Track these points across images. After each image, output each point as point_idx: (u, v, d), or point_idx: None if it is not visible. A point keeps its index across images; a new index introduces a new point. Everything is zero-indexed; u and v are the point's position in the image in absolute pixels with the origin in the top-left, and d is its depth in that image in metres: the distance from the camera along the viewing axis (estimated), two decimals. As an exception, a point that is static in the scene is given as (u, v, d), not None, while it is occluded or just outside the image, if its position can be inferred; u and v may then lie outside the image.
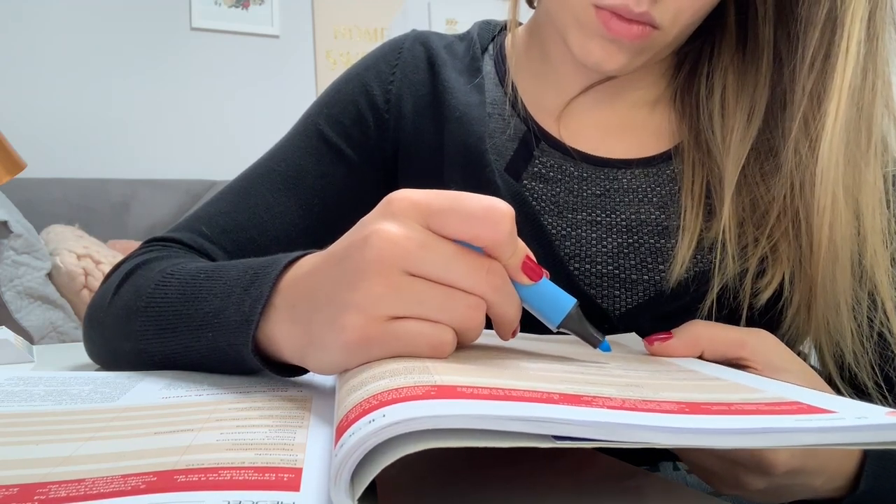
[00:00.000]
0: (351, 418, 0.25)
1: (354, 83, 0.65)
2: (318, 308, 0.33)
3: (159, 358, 0.43)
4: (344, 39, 2.90)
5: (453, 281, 0.31)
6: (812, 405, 0.28)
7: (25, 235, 1.72)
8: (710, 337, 0.41)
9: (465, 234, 0.32)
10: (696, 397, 0.28)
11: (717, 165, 0.55)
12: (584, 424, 0.23)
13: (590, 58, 0.52)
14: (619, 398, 0.27)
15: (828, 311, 0.50)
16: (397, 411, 0.24)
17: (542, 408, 0.24)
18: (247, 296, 0.38)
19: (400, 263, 0.31)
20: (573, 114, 0.60)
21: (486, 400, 0.25)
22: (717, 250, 0.53)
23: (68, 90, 2.45)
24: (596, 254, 0.56)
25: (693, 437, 0.24)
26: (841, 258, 0.49)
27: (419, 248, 0.31)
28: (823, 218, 0.49)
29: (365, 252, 0.31)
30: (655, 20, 0.49)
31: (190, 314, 0.41)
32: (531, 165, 0.58)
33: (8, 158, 0.67)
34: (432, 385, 0.27)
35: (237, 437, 0.30)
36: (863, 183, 0.49)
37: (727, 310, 0.53)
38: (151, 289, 0.44)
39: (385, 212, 0.32)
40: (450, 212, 0.32)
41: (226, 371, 0.42)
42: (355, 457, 0.23)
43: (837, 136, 0.48)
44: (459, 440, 0.23)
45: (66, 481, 0.25)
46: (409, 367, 0.30)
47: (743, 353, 0.40)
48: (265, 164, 0.63)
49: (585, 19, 0.50)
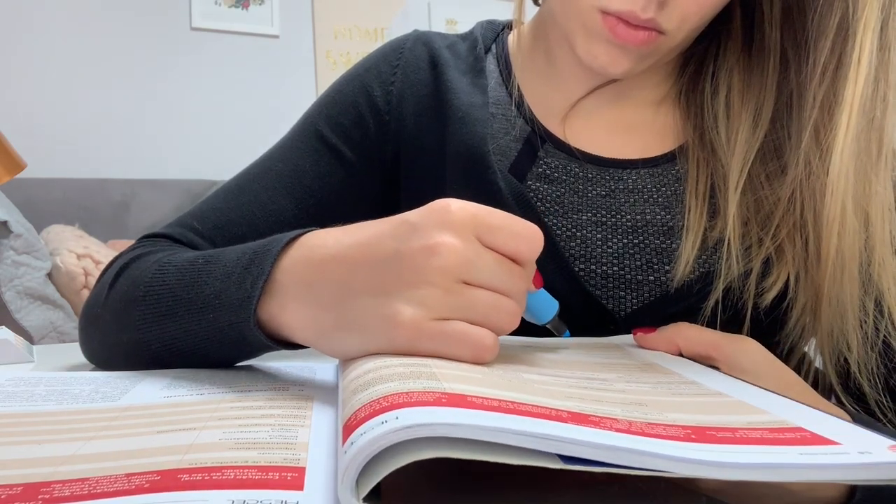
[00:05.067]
0: (360, 417, 0.25)
1: (355, 84, 0.64)
2: (357, 296, 0.35)
3: (157, 346, 0.44)
4: (344, 39, 2.90)
5: (498, 287, 0.35)
6: (816, 433, 0.28)
7: (25, 235, 1.72)
8: (687, 336, 0.43)
9: (511, 249, 0.36)
10: (702, 420, 0.29)
11: (722, 165, 0.55)
12: (593, 446, 0.24)
13: (595, 62, 0.52)
14: (625, 420, 0.27)
15: (833, 320, 0.50)
16: (411, 415, 0.24)
17: (551, 425, 0.25)
18: (247, 274, 0.39)
19: (461, 274, 0.35)
20: (578, 114, 0.60)
21: (496, 412, 0.25)
22: (721, 250, 0.53)
23: (68, 90, 2.45)
24: (601, 254, 0.56)
25: (699, 468, 0.24)
26: (848, 267, 0.49)
27: (476, 259, 0.35)
28: (832, 228, 0.49)
29: (432, 260, 0.34)
30: (661, 26, 0.49)
31: (190, 298, 0.42)
32: (535, 166, 0.58)
33: (8, 158, 0.66)
34: (442, 392, 0.27)
35: (239, 436, 0.30)
36: (872, 194, 0.49)
37: (731, 311, 0.53)
38: (149, 278, 0.45)
39: (445, 221, 0.35)
40: (502, 229, 0.36)
41: (223, 354, 0.43)
42: (365, 456, 0.23)
43: (848, 148, 0.48)
44: (471, 452, 0.24)
45: (70, 480, 0.25)
46: (416, 371, 0.30)
47: (714, 354, 0.41)
48: (262, 164, 0.63)
49: (592, 24, 0.50)
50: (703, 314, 0.53)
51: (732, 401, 0.33)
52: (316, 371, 0.46)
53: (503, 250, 0.36)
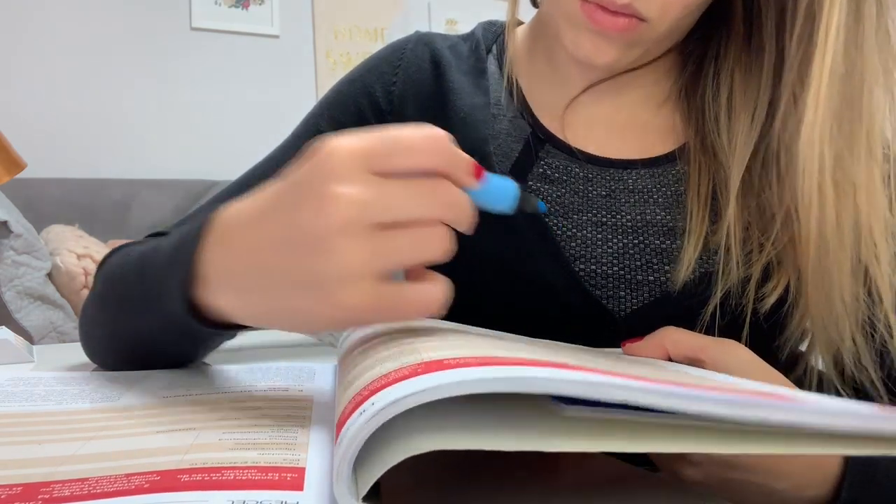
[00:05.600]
0: (346, 413, 0.26)
1: (356, 85, 0.65)
2: (277, 285, 0.33)
3: (130, 343, 0.45)
4: (344, 40, 2.90)
5: (417, 216, 0.32)
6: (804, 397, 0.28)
7: (25, 235, 1.72)
8: (675, 339, 0.43)
9: (415, 165, 0.32)
10: (688, 381, 0.28)
11: (724, 168, 0.54)
12: (574, 383, 0.23)
13: (580, 51, 0.52)
14: (610, 371, 0.27)
15: (821, 308, 0.49)
16: (384, 396, 0.24)
17: (531, 370, 0.24)
18: (174, 269, 0.38)
19: (368, 220, 0.31)
20: (578, 114, 0.60)
21: (473, 367, 0.24)
22: (721, 254, 0.53)
23: (68, 90, 2.45)
24: (601, 255, 0.56)
25: (682, 401, 0.24)
26: (832, 253, 0.48)
27: (379, 198, 0.31)
28: (810, 212, 0.48)
29: (331, 221, 0.30)
30: (640, 12, 0.48)
31: (133, 296, 0.43)
32: (536, 167, 0.58)
33: (8, 158, 0.67)
34: (419, 363, 0.26)
35: (239, 436, 0.30)
36: (856, 176, 0.48)
37: (731, 315, 0.52)
38: (109, 273, 0.48)
39: (327, 169, 0.31)
40: (395, 151, 0.32)
41: (183, 348, 0.44)
42: (352, 451, 0.23)
43: (819, 128, 0.47)
44: (462, 440, 0.23)
45: (70, 480, 0.25)
46: (398, 351, 0.30)
47: (701, 356, 0.41)
48: (264, 165, 0.64)
49: (573, 13, 0.51)
50: (702, 319, 0.52)
51: (728, 378, 0.34)
52: (316, 371, 0.46)
53: (409, 172, 0.32)
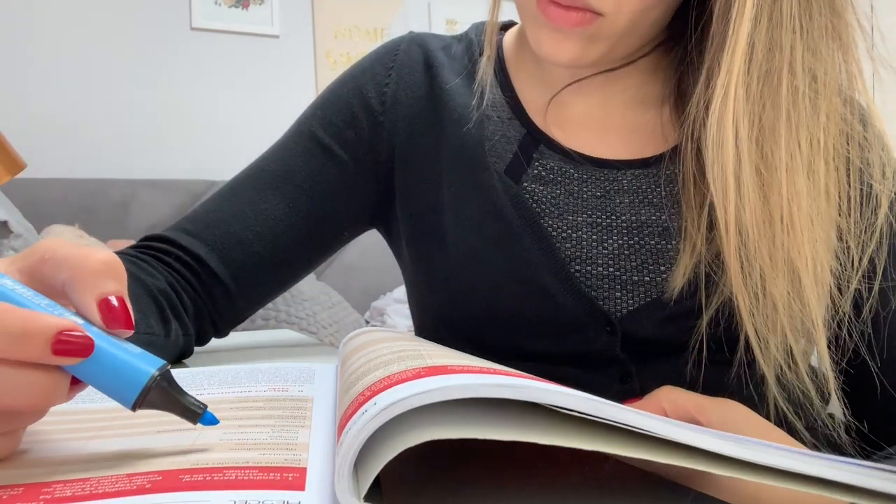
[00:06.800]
0: (348, 413, 0.26)
1: (349, 86, 0.65)
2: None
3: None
4: (344, 39, 2.90)
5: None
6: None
7: (25, 235, 1.72)
8: (673, 399, 0.42)
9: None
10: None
11: None
12: (582, 399, 0.24)
13: (541, 49, 0.52)
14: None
15: (752, 307, 0.47)
16: (386, 397, 0.24)
17: (537, 382, 0.25)
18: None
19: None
20: (571, 115, 0.60)
21: (476, 374, 0.25)
22: (713, 265, 0.52)
23: (68, 90, 2.45)
24: (597, 256, 0.56)
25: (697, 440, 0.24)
26: (753, 240, 0.46)
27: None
28: (728, 200, 0.46)
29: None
30: (593, 6, 0.48)
31: None
32: (531, 168, 0.58)
33: (8, 158, 0.67)
34: (423, 367, 0.27)
35: (240, 436, 0.30)
36: (780, 162, 0.46)
37: (726, 321, 0.52)
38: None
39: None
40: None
41: None
42: (354, 450, 0.23)
43: (731, 111, 0.45)
44: (459, 430, 0.24)
45: (71, 480, 0.25)
46: (403, 355, 0.30)
47: (698, 416, 0.41)
48: (256, 166, 0.65)
49: (530, 11, 0.51)
50: (697, 330, 0.52)
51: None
52: (316, 371, 0.46)
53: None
